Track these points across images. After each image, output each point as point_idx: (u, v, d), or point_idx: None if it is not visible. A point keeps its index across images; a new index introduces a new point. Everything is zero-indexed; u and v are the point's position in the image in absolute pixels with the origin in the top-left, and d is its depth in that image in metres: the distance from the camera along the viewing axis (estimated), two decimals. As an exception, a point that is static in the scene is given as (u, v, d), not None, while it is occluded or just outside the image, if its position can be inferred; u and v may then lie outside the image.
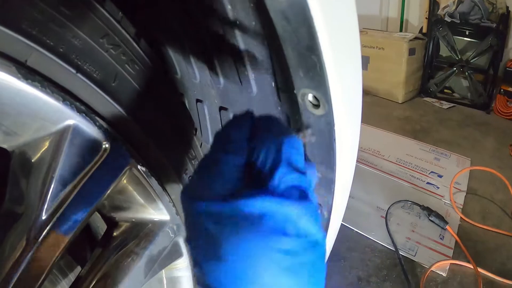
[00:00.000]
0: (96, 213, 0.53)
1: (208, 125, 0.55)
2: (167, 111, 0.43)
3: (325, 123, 0.31)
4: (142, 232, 0.43)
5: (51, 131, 0.30)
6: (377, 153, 1.64)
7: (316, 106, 0.30)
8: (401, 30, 2.46)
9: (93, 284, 0.39)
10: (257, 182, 0.24)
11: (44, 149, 0.31)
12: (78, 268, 0.54)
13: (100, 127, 0.33)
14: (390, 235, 1.21)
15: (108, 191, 0.35)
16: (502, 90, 2.04)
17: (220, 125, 0.52)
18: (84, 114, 0.31)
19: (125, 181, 0.39)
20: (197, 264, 0.23)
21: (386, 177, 1.49)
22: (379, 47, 2.20)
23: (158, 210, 0.43)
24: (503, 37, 2.01)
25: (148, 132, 0.39)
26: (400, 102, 2.15)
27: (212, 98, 0.49)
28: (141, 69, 0.38)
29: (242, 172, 0.25)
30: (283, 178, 0.23)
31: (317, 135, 0.32)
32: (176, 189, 0.45)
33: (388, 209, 1.31)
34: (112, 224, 0.44)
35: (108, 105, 0.34)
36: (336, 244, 1.20)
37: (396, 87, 2.14)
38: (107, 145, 0.34)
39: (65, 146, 0.30)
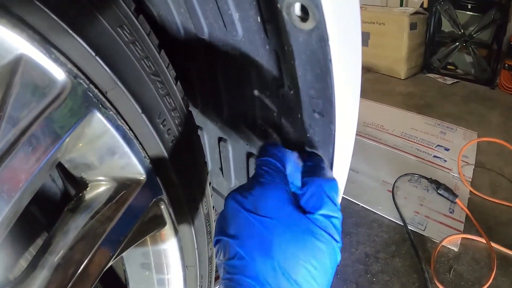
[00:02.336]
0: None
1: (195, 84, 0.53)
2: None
3: (317, 40, 0.27)
4: (114, 191, 0.38)
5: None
6: (381, 127, 1.56)
7: (304, 19, 0.27)
8: (401, 5, 2.36)
9: (61, 251, 0.33)
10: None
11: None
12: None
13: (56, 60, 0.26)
14: (397, 209, 1.14)
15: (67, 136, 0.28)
16: (506, 65, 1.97)
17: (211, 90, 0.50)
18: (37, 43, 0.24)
19: (90, 131, 0.32)
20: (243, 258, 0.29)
21: (391, 151, 1.42)
22: (380, 23, 2.11)
23: (132, 168, 0.37)
24: (506, 10, 1.93)
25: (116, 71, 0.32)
26: (402, 78, 2.07)
27: (198, 54, 0.47)
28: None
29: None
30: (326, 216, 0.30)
31: (309, 59, 0.29)
32: (153, 144, 0.38)
33: (395, 182, 1.24)
34: (81, 185, 0.37)
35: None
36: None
37: (398, 63, 2.06)
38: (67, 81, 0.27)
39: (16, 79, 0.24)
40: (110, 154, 0.34)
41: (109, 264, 0.36)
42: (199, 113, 0.59)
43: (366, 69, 2.18)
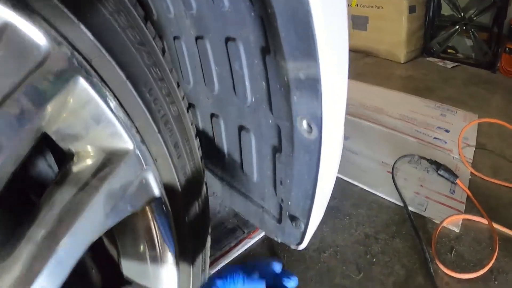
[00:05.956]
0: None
1: (187, 63, 0.53)
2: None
3: None
4: (100, 162, 0.37)
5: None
6: (380, 110, 1.53)
7: None
8: (400, -12, 2.31)
9: (48, 224, 0.32)
10: None
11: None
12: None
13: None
14: (397, 190, 1.11)
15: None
16: (507, 48, 1.93)
17: (199, 60, 0.51)
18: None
19: (74, 99, 0.32)
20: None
21: (391, 132, 1.38)
22: (378, 6, 2.06)
23: (119, 138, 0.37)
24: (506, -8, 1.88)
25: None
26: (402, 62, 2.03)
27: (187, 30, 0.48)
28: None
29: None
30: None
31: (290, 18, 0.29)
32: (139, 113, 0.38)
33: (394, 164, 1.21)
34: (68, 158, 0.37)
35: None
36: (340, 201, 1.10)
37: (397, 46, 2.02)
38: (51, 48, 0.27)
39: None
40: (95, 123, 0.34)
41: (97, 238, 0.35)
42: (192, 90, 0.58)
43: (365, 54, 2.14)
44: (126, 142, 0.37)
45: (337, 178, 1.23)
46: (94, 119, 0.34)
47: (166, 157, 0.43)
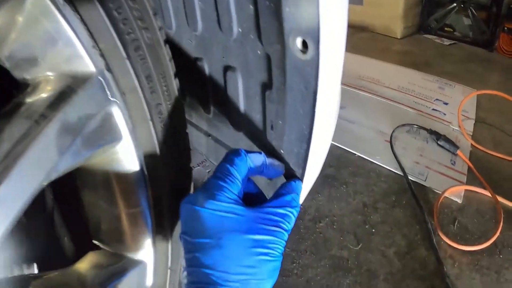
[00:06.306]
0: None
1: (169, 4, 0.50)
2: None
3: None
4: (57, 91, 0.32)
5: None
6: (377, 81, 1.45)
7: None
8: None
9: None
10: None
11: None
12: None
13: None
14: (396, 158, 1.03)
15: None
16: (505, 28, 1.88)
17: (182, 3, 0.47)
18: None
19: (27, 14, 0.27)
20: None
21: (388, 103, 1.30)
22: (375, -21, 1.96)
23: (79, 61, 0.32)
24: (506, -29, 1.82)
25: None
26: (398, 37, 1.96)
27: None
28: None
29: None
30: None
31: None
32: (104, 32, 0.33)
33: (392, 133, 1.13)
34: (21, 88, 0.32)
35: None
36: (336, 169, 1.00)
37: (394, 21, 1.94)
38: None
39: None
40: (51, 42, 0.30)
41: (49, 180, 0.30)
42: (175, 35, 0.54)
43: (361, 28, 2.05)
44: (87, 66, 0.32)
45: (333, 146, 1.15)
46: (50, 37, 0.29)
47: (136, 90, 0.37)
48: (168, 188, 0.46)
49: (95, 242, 0.47)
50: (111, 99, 0.34)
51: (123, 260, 0.47)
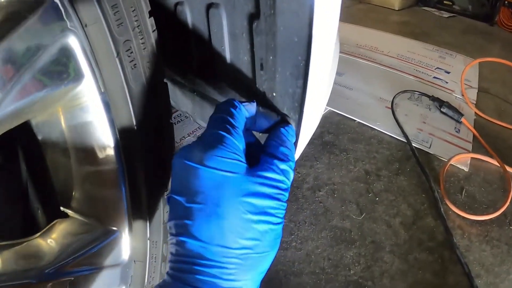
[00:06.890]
0: None
1: None
2: None
3: None
4: (2, 14, 0.26)
5: None
6: (375, 48, 1.36)
7: None
8: None
9: None
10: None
11: None
12: None
13: None
14: (399, 124, 0.96)
15: None
16: (506, 2, 1.81)
17: None
18: None
19: None
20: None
21: (387, 70, 1.22)
22: None
23: None
24: None
25: None
26: (396, 9, 1.87)
27: None
28: None
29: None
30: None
31: None
32: None
33: (393, 99, 1.05)
34: None
35: None
36: (335, 136, 0.91)
37: (391, -8, 1.85)
38: None
39: None
40: None
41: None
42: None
43: (358, 0, 1.95)
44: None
45: (331, 112, 1.05)
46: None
47: (100, 20, 0.30)
48: (144, 143, 0.38)
49: (64, 209, 0.42)
50: (71, 28, 0.29)
51: (94, 230, 0.40)
